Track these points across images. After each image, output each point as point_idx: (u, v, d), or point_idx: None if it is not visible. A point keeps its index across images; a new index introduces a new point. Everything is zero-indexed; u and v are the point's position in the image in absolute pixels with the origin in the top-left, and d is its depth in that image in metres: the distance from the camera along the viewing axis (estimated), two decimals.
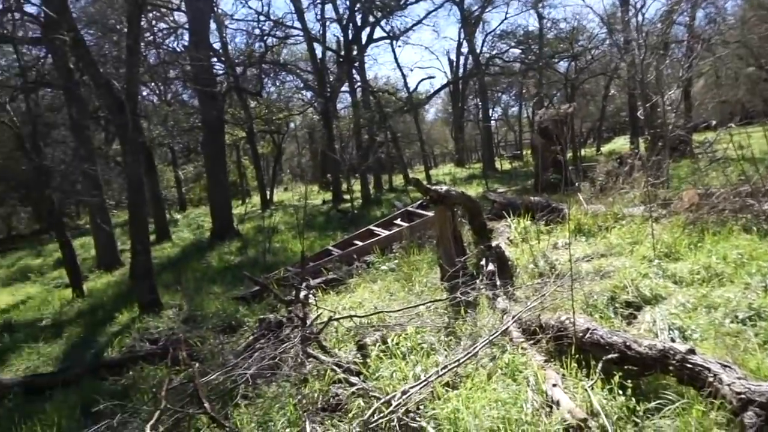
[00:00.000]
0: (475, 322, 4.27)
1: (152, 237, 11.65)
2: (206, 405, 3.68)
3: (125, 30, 10.88)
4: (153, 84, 17.78)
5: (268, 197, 21.88)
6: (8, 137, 17.01)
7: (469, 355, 3.59)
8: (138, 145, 6.82)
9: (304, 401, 3.61)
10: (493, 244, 5.63)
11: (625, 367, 3.06)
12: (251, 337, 5.07)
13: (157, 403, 3.91)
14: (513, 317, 3.99)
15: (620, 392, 2.85)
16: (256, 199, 24.58)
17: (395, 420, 3.04)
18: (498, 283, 4.96)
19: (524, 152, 29.99)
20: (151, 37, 15.14)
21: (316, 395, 3.64)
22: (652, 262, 4.85)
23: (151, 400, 4.04)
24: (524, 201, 7.67)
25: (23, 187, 19.48)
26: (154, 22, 15.73)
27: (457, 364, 3.51)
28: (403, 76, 34.48)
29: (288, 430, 3.32)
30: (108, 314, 7.35)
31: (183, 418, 3.77)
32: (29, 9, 10.71)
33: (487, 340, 3.71)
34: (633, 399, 2.79)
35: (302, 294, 5.34)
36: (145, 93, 17.34)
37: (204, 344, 5.40)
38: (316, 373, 3.97)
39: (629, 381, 2.87)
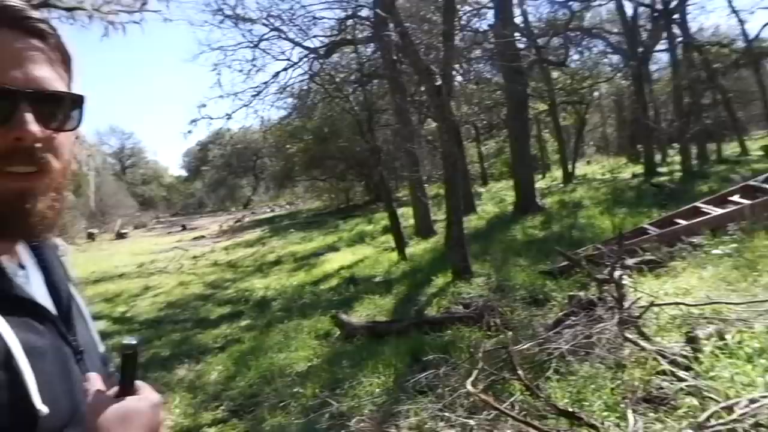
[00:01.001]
0: None
1: None
2: (520, 372, 3.82)
3: (434, 18, 11.82)
4: (458, 65, 18.91)
5: (570, 170, 21.15)
6: (348, 124, 20.57)
7: None
8: (452, 124, 7.37)
9: (622, 387, 3.42)
10: None
11: None
12: (561, 313, 5.02)
13: (474, 362, 4.25)
14: None
15: None
16: (556, 173, 24.03)
17: (740, 431, 2.62)
18: None
19: None
20: (456, 20, 16.09)
21: (636, 383, 3.41)
22: None
23: (469, 359, 4.40)
24: None
25: (358, 165, 23.34)
26: (458, 6, 16.66)
27: None
28: (740, 21, 28.35)
29: (606, 413, 3.20)
30: (426, 277, 8.26)
31: (497, 380, 4.01)
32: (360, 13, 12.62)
33: None
34: None
35: (617, 274, 5.02)
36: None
37: (513, 313, 5.61)
38: (634, 360, 3.71)
39: None
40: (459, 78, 19.09)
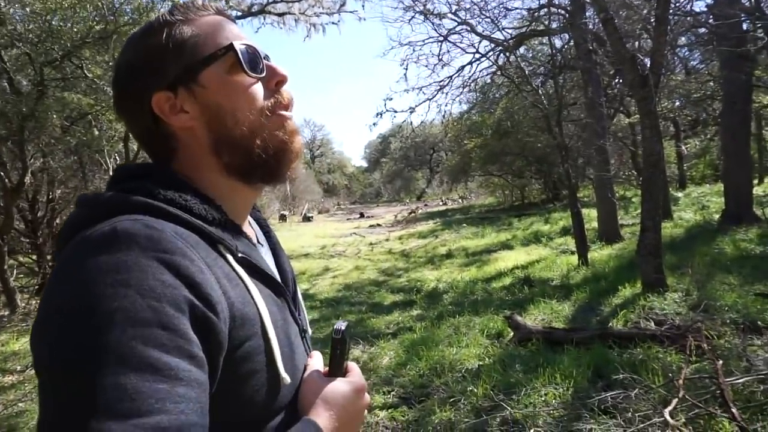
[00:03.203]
0: None
1: None
2: (734, 411, 3.26)
3: (635, 3, 10.64)
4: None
5: None
6: (530, 119, 19.78)
7: None
8: (657, 119, 6.58)
9: None
10: None
11: None
12: None
13: (673, 390, 3.73)
14: None
15: None
16: None
17: None
18: None
19: None
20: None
21: None
22: None
23: (665, 384, 3.88)
24: None
25: (537, 162, 22.39)
26: None
27: None
28: None
29: None
30: (611, 286, 7.55)
31: (702, 414, 3.47)
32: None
33: None
34: None
35: None
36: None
37: (720, 339, 4.83)
38: None
39: None
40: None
